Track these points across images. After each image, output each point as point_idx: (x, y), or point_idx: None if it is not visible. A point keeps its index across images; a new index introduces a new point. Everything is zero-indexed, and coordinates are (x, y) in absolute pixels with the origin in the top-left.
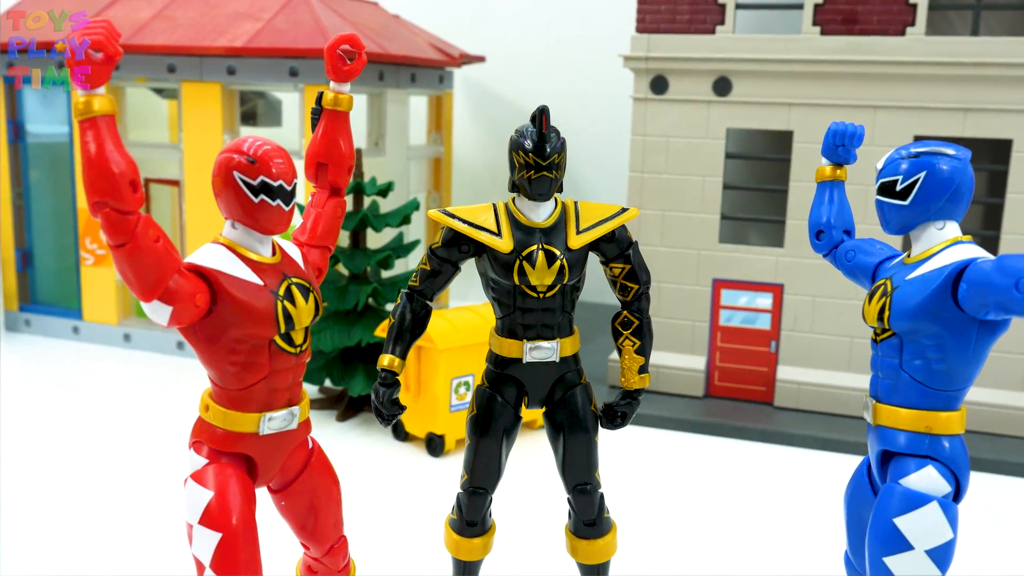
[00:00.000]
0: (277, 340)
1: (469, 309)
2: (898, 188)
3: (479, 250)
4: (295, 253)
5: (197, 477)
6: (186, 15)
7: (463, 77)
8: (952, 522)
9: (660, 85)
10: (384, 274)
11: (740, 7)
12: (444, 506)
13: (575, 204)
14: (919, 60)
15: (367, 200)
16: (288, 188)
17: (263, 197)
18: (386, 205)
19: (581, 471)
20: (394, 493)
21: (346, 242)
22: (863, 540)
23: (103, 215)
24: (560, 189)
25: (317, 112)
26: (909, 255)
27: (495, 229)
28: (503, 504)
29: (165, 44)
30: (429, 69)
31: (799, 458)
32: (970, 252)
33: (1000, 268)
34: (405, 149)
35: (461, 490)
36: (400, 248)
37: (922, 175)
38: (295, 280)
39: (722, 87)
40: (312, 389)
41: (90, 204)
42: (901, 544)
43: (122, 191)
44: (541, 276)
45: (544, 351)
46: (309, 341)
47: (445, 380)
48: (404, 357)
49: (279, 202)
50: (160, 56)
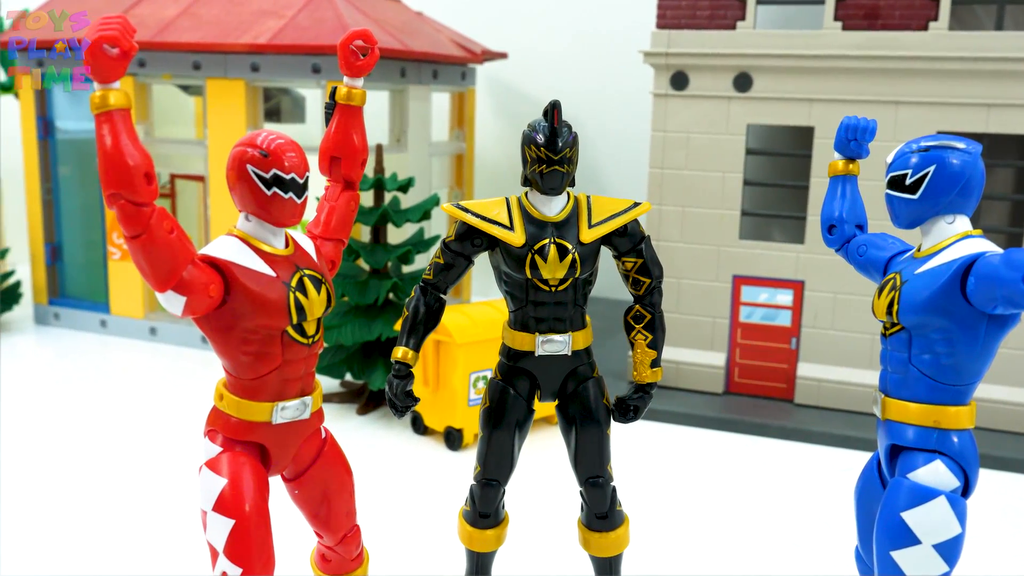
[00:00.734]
0: (289, 331)
1: (488, 304)
2: (908, 182)
3: (492, 244)
4: (308, 246)
5: (211, 465)
6: (211, 12)
7: (486, 74)
8: (960, 517)
9: (680, 81)
10: (404, 269)
11: (761, 2)
12: (461, 499)
13: (587, 198)
14: (942, 55)
15: (388, 196)
16: (300, 181)
17: (275, 190)
18: (407, 201)
19: (593, 464)
20: (412, 485)
21: (367, 237)
22: (873, 535)
23: (118, 207)
24: (572, 183)
25: (331, 107)
26: (919, 249)
27: (507, 223)
28: (517, 497)
29: (190, 41)
30: (451, 66)
31: (819, 455)
32: (979, 246)
33: (1008, 262)
34: (427, 145)
35: (474, 482)
36: (420, 243)
37: (932, 169)
38: (307, 272)
39: (742, 83)
40: (333, 383)
41: (106, 196)
42: (908, 538)
43: (137, 183)
44: (553, 270)
45: (556, 344)
46: (321, 332)
47: (463, 374)
48: (418, 349)
49: (291, 195)
50: (185, 53)
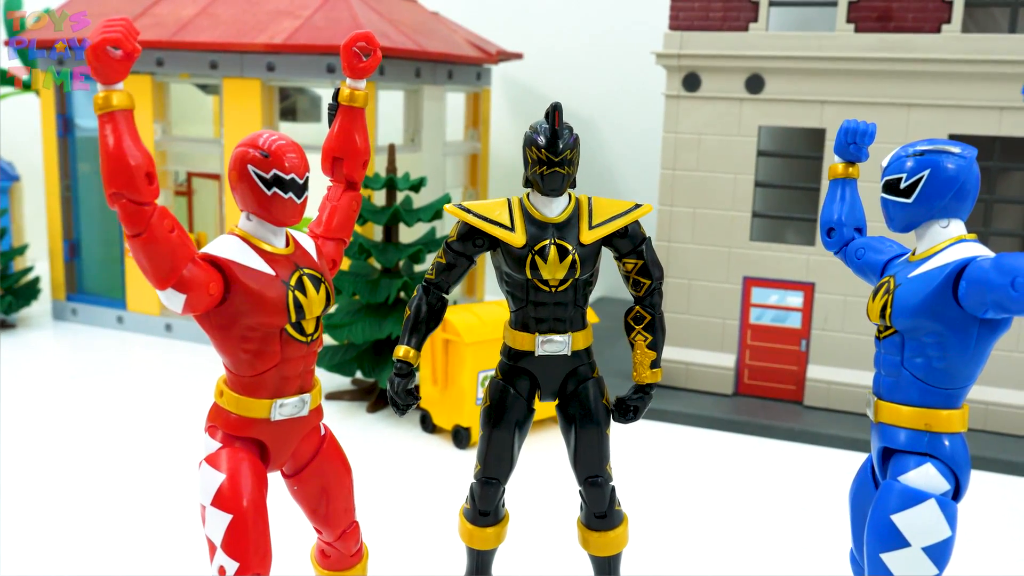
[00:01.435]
0: (288, 329)
1: (497, 303)
2: (902, 186)
3: (493, 244)
4: (309, 245)
5: (211, 460)
6: (228, 12)
7: (502, 74)
8: (950, 520)
9: (692, 82)
10: (416, 268)
11: (773, 4)
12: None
13: (588, 200)
14: (955, 58)
15: (400, 195)
16: (300, 181)
17: (275, 190)
18: (419, 200)
19: (592, 464)
20: (419, 483)
21: (379, 236)
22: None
23: (120, 206)
24: (574, 184)
25: (333, 108)
26: (914, 253)
27: (508, 224)
28: (518, 496)
29: (207, 41)
30: (466, 66)
31: (827, 458)
32: (972, 250)
33: (998, 266)
34: (441, 145)
35: (474, 480)
36: (432, 243)
37: (926, 173)
38: (307, 271)
39: (755, 84)
40: (344, 380)
41: (108, 195)
42: (898, 541)
43: (138, 183)
44: (553, 270)
45: (556, 344)
46: (321, 331)
47: (472, 373)
48: (419, 348)
49: (291, 195)
50: (202, 53)
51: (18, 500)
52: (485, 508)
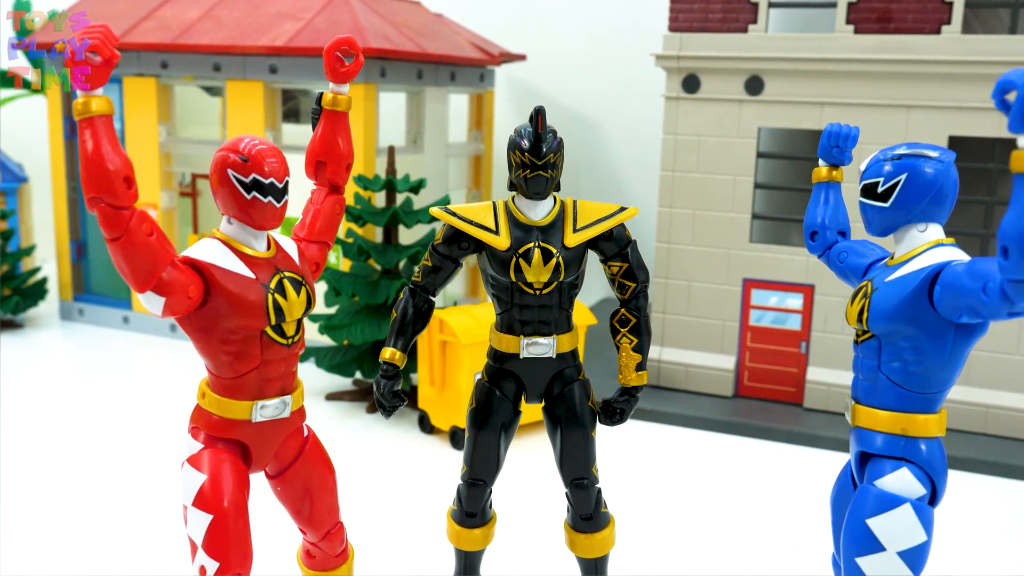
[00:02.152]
0: (268, 331)
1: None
2: (880, 190)
3: (478, 247)
4: (291, 248)
5: (192, 461)
6: (231, 15)
7: (507, 75)
8: (926, 525)
9: (692, 84)
10: (415, 269)
11: (773, 6)
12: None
13: (573, 203)
14: (955, 59)
15: (400, 197)
16: (279, 186)
17: (255, 194)
18: (420, 202)
19: (578, 466)
20: (417, 484)
21: (379, 238)
22: None
23: (99, 210)
24: (558, 188)
25: (317, 112)
26: (892, 257)
27: (493, 227)
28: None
29: (210, 43)
30: (469, 67)
31: (827, 460)
32: (949, 255)
33: (970, 271)
34: (444, 146)
35: (461, 481)
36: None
37: (903, 177)
38: (287, 274)
39: (754, 86)
40: (344, 381)
41: (87, 199)
42: (873, 545)
43: (116, 187)
44: (537, 273)
45: (541, 347)
46: (302, 333)
47: (469, 375)
48: (406, 350)
49: (271, 199)
50: (206, 55)
51: (22, 499)
52: (472, 509)
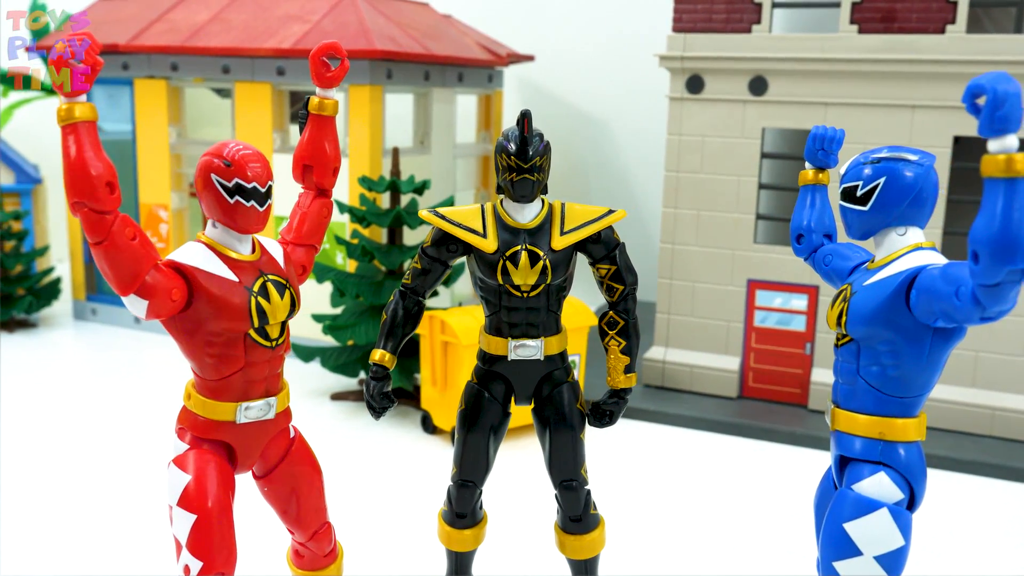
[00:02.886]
0: (252, 334)
1: None
2: (859, 193)
3: (467, 249)
4: (276, 251)
5: (178, 462)
6: (240, 18)
7: (516, 76)
8: (904, 529)
9: (696, 84)
10: None
11: (776, 6)
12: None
13: (562, 205)
14: (959, 58)
15: (405, 198)
16: (262, 190)
17: (238, 198)
18: (425, 202)
19: (566, 467)
20: (418, 483)
21: (383, 239)
22: None
23: (82, 215)
24: (545, 191)
25: (304, 116)
26: (873, 260)
27: (481, 230)
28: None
29: (219, 46)
30: (477, 68)
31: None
32: (927, 258)
33: (944, 275)
34: (451, 147)
35: (451, 483)
36: None
37: (882, 181)
38: (271, 277)
39: (758, 86)
40: (350, 381)
41: (70, 204)
42: (850, 549)
43: (99, 192)
44: (524, 276)
45: (529, 349)
46: (287, 336)
47: (470, 375)
48: (395, 352)
49: (253, 203)
50: (215, 58)
51: (31, 497)
52: (462, 510)
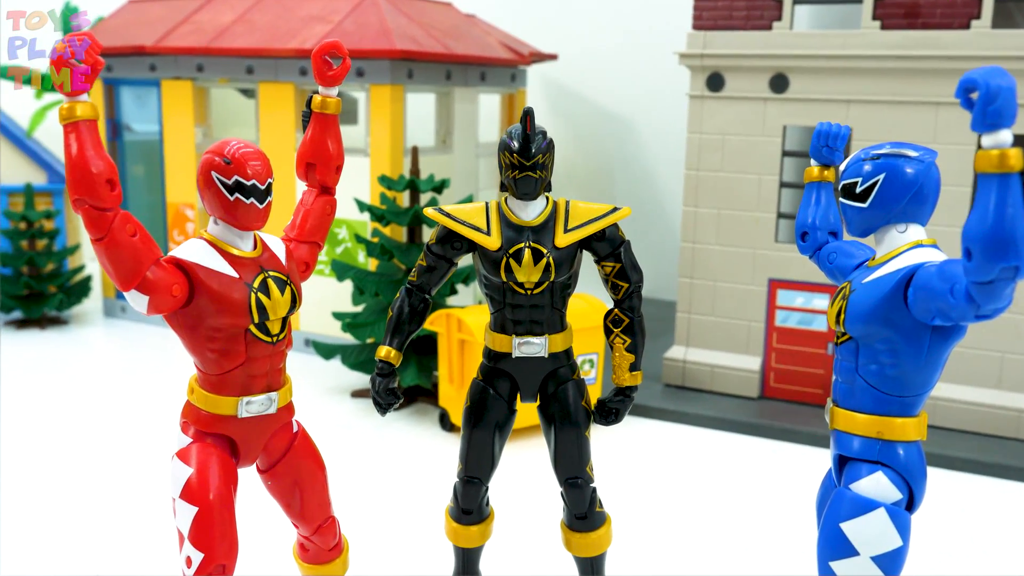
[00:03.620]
0: (252, 329)
1: None
2: (858, 190)
3: (471, 247)
4: (278, 248)
5: (181, 455)
6: (264, 19)
7: (541, 75)
8: (901, 530)
9: (716, 82)
10: None
11: (798, 2)
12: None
13: (567, 203)
14: (985, 55)
15: (425, 196)
16: (261, 187)
17: (238, 196)
18: (445, 201)
19: (571, 465)
20: (434, 480)
21: (403, 237)
22: None
23: (83, 211)
24: (549, 188)
25: (307, 115)
26: (874, 258)
27: (485, 227)
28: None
29: (243, 47)
30: (500, 67)
31: None
32: (927, 256)
33: (940, 273)
34: (474, 146)
35: (457, 479)
36: None
37: (882, 177)
38: (272, 273)
39: (779, 84)
40: (367, 379)
41: (71, 201)
42: (847, 549)
43: (99, 190)
44: (528, 273)
45: (533, 347)
46: (288, 331)
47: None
48: (401, 349)
49: (253, 200)
50: (239, 58)
51: (59, 492)
52: (468, 506)
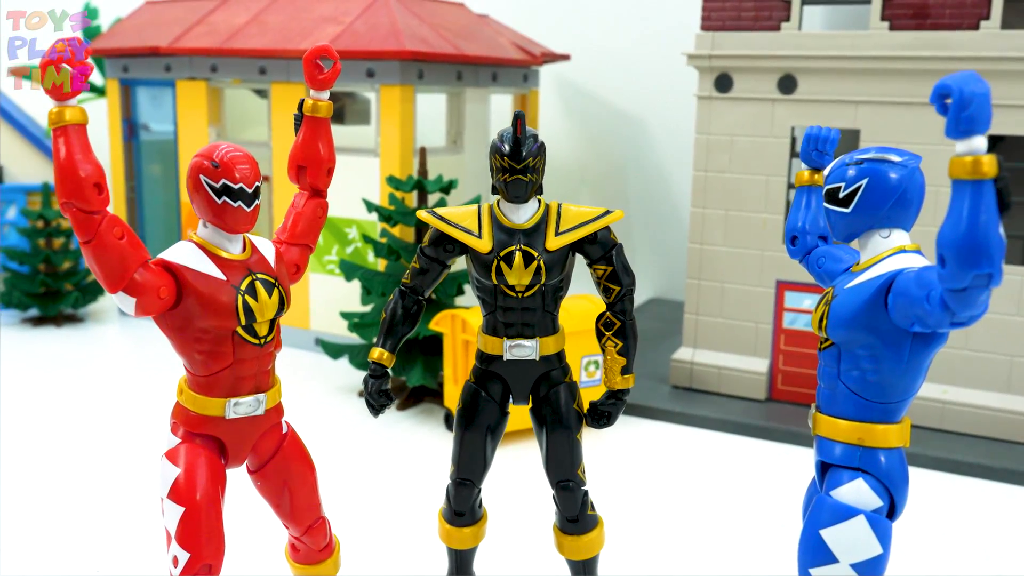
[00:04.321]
0: (239, 331)
1: None
2: (841, 195)
3: (464, 249)
4: (268, 251)
5: (170, 455)
6: (277, 20)
7: (555, 75)
8: (881, 538)
9: (724, 83)
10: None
11: (806, 3)
12: (483, 494)
13: (558, 206)
14: (994, 55)
15: (433, 197)
16: (249, 191)
17: (225, 199)
18: (453, 201)
19: (562, 468)
20: (438, 481)
21: (411, 238)
22: None
23: (71, 214)
24: (540, 191)
25: (299, 118)
26: (858, 263)
27: (476, 230)
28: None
29: (256, 48)
30: (512, 68)
31: None
32: (909, 261)
33: (918, 279)
34: (485, 147)
35: (450, 481)
36: None
37: (864, 182)
38: (260, 276)
39: (787, 85)
40: None
41: (60, 204)
42: (826, 556)
43: (87, 193)
44: (518, 276)
45: (524, 349)
46: (276, 333)
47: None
48: (394, 351)
49: (240, 204)
50: (252, 59)
51: (74, 489)
52: (460, 508)
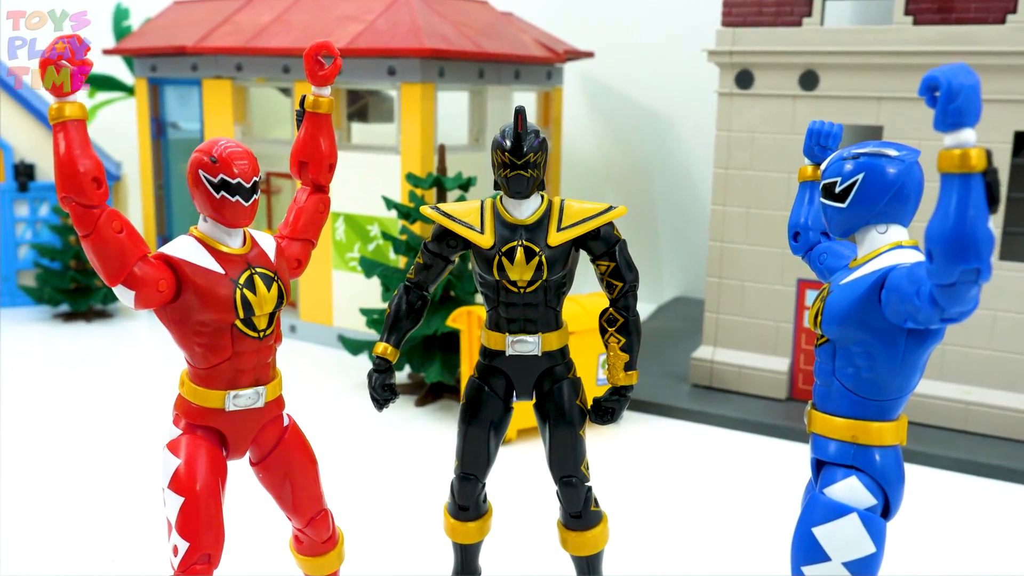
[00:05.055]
0: (238, 324)
1: None
2: (837, 190)
3: (467, 245)
4: (268, 245)
5: (171, 446)
6: (300, 19)
7: (580, 72)
8: (875, 536)
9: (745, 80)
10: (462, 266)
11: None
12: (496, 490)
13: (561, 202)
14: (1020, 50)
15: (453, 194)
16: (247, 186)
17: (223, 194)
18: (472, 198)
19: (566, 464)
20: (449, 476)
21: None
22: None
23: (70, 208)
24: (542, 187)
25: (300, 114)
26: (855, 259)
27: (479, 226)
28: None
29: (279, 47)
30: (535, 65)
31: None
32: (905, 257)
33: (909, 275)
34: None
35: (454, 476)
36: None
37: (860, 177)
38: (259, 270)
39: (809, 81)
40: (400, 375)
41: (59, 198)
42: (819, 554)
43: (85, 187)
44: (520, 272)
45: (526, 345)
46: (276, 327)
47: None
48: (398, 345)
49: (238, 198)
50: (276, 58)
51: (104, 483)
52: (464, 503)
